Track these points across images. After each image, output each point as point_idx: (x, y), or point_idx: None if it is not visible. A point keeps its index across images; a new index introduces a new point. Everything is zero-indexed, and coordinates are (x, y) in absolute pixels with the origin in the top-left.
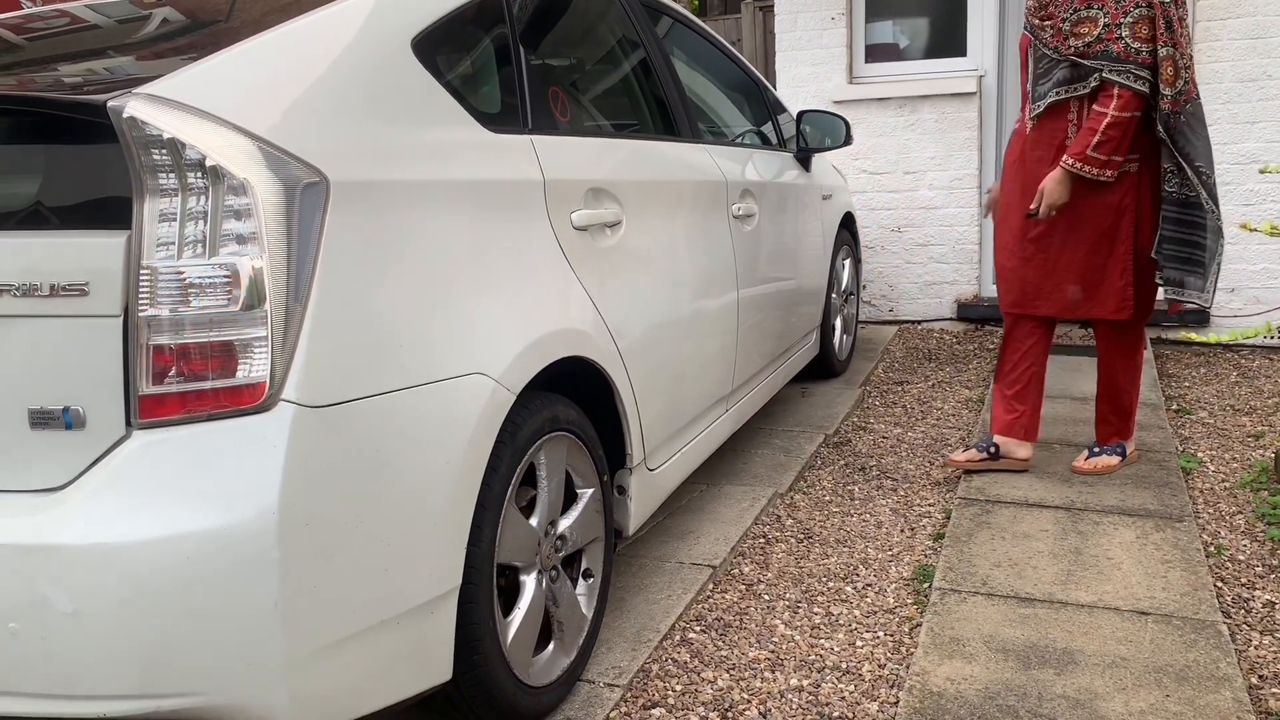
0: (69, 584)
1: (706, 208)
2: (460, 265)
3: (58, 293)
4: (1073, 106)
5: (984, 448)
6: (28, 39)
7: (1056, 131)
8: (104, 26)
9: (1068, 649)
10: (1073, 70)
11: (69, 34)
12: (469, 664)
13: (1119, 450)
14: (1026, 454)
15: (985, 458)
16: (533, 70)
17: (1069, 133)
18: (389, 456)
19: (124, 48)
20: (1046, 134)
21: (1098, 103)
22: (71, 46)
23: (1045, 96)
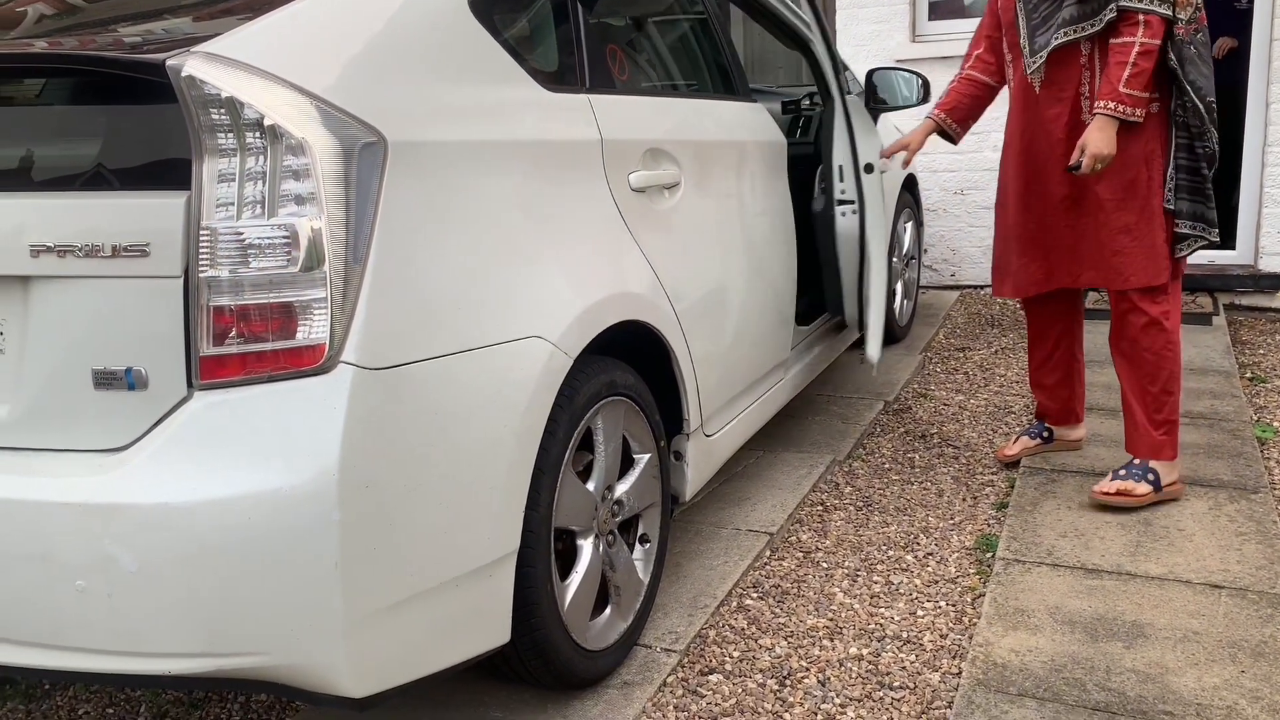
0: (134, 543)
1: (766, 169)
2: (517, 227)
3: (119, 253)
4: (1083, 49)
5: (1036, 433)
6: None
7: (1068, 82)
8: None
9: (1137, 622)
10: (1080, 6)
11: None
12: (526, 627)
13: (1153, 479)
14: (1080, 434)
15: (1039, 443)
16: (590, 28)
17: (1083, 79)
18: (447, 419)
19: (185, 7)
20: (1056, 88)
21: (1116, 35)
22: (132, 7)
23: (1049, 44)
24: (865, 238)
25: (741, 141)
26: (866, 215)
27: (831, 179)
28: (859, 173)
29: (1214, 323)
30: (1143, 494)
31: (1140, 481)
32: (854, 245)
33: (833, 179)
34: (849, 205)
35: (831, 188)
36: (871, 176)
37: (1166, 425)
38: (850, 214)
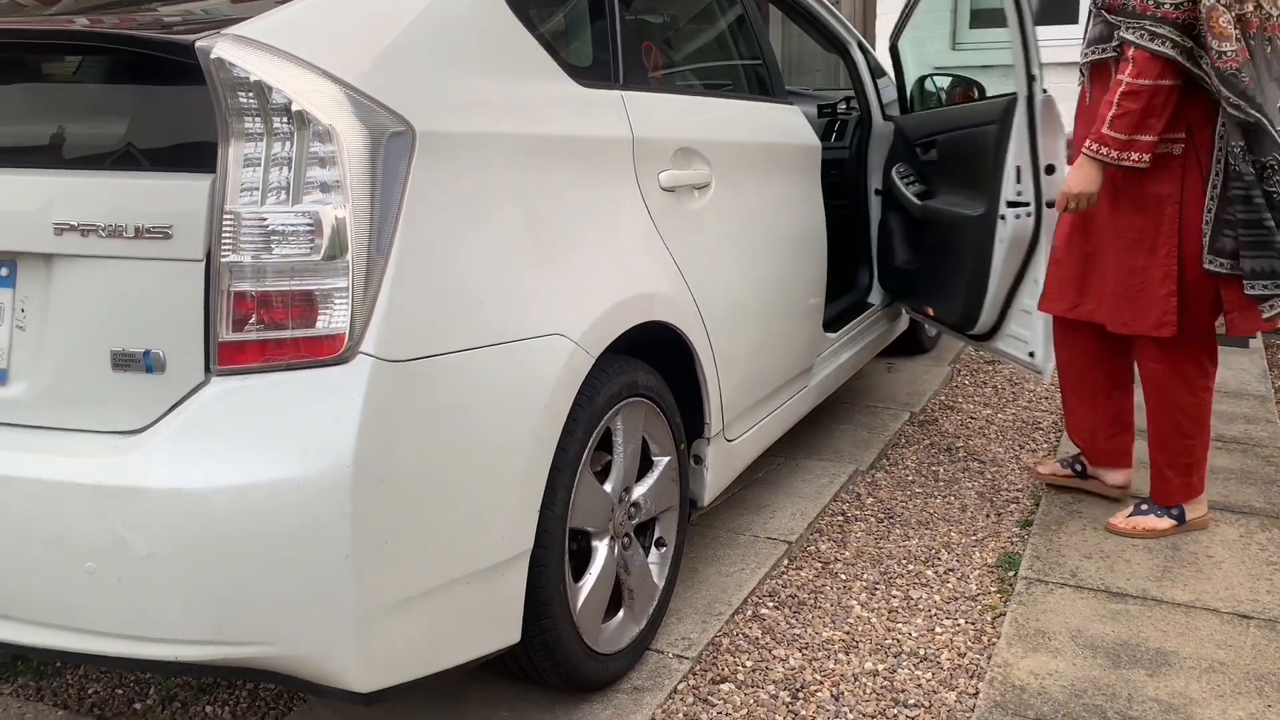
0: (145, 527)
1: (798, 172)
2: (544, 222)
3: (142, 234)
4: (1114, 70)
5: (1068, 464)
6: None
7: (1098, 103)
8: None
9: (1161, 649)
10: (1103, 25)
11: None
12: (537, 627)
13: (1176, 513)
14: (1120, 480)
15: (1070, 475)
16: (626, 24)
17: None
18: (465, 415)
19: None
20: (1094, 106)
21: (1118, 69)
22: None
23: (1085, 58)
24: (1040, 239)
25: (775, 144)
26: (1044, 216)
27: (1000, 180)
28: (1038, 174)
29: (1250, 345)
30: (1164, 528)
31: (1162, 517)
32: (1020, 250)
33: (1002, 180)
34: (1022, 208)
35: (999, 190)
36: (1053, 178)
37: (1186, 468)
38: (1024, 216)
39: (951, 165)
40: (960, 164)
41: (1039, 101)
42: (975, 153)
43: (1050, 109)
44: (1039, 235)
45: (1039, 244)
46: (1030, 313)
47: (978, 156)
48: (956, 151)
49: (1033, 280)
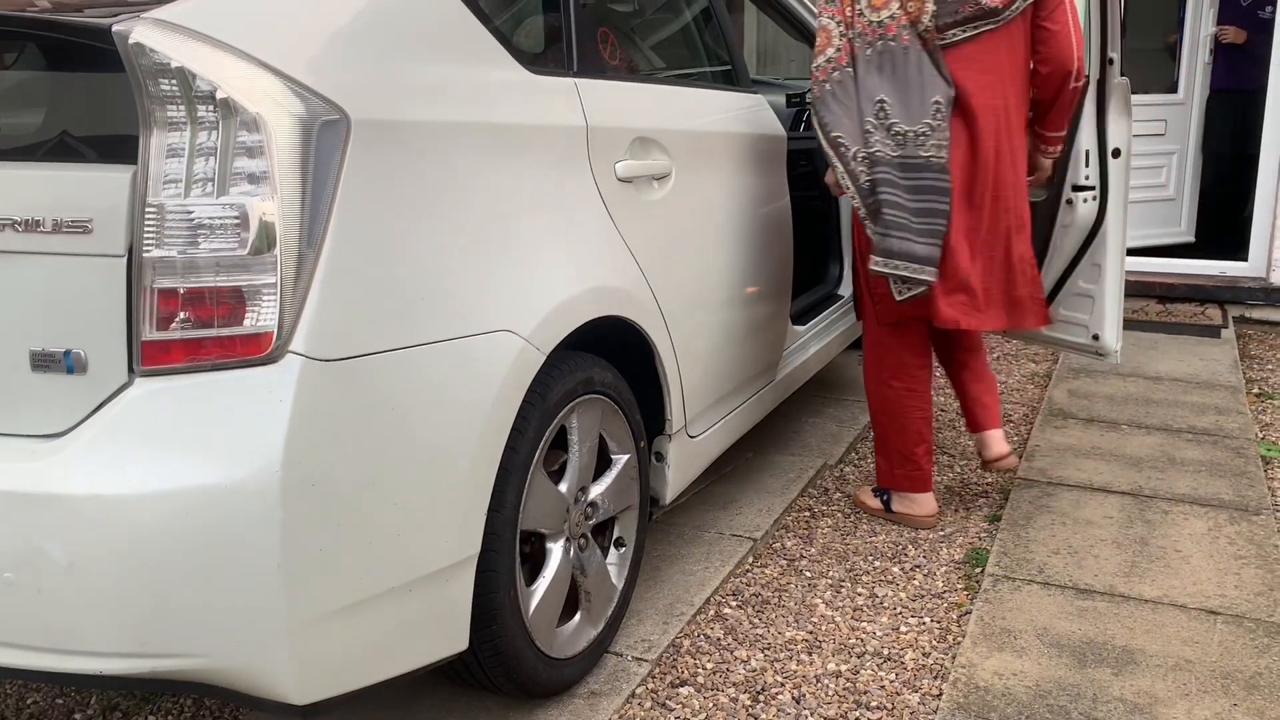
0: (65, 535)
1: (764, 162)
2: (491, 215)
3: (61, 229)
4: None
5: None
6: None
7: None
8: None
9: (1127, 647)
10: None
11: None
12: (487, 634)
13: (884, 498)
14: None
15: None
16: (580, 9)
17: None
18: (405, 416)
19: None
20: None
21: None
22: None
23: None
24: (1106, 224)
25: (738, 134)
26: (1110, 200)
27: (1067, 164)
28: (1104, 157)
29: (1222, 335)
30: (873, 506)
31: (875, 496)
32: (1082, 234)
33: (1067, 165)
34: (1089, 191)
35: (1064, 174)
36: (1119, 161)
37: (880, 452)
38: (1091, 200)
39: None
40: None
41: (1112, 84)
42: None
43: (1122, 92)
44: (1103, 219)
45: (1104, 228)
46: (1090, 297)
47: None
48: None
49: (1092, 264)
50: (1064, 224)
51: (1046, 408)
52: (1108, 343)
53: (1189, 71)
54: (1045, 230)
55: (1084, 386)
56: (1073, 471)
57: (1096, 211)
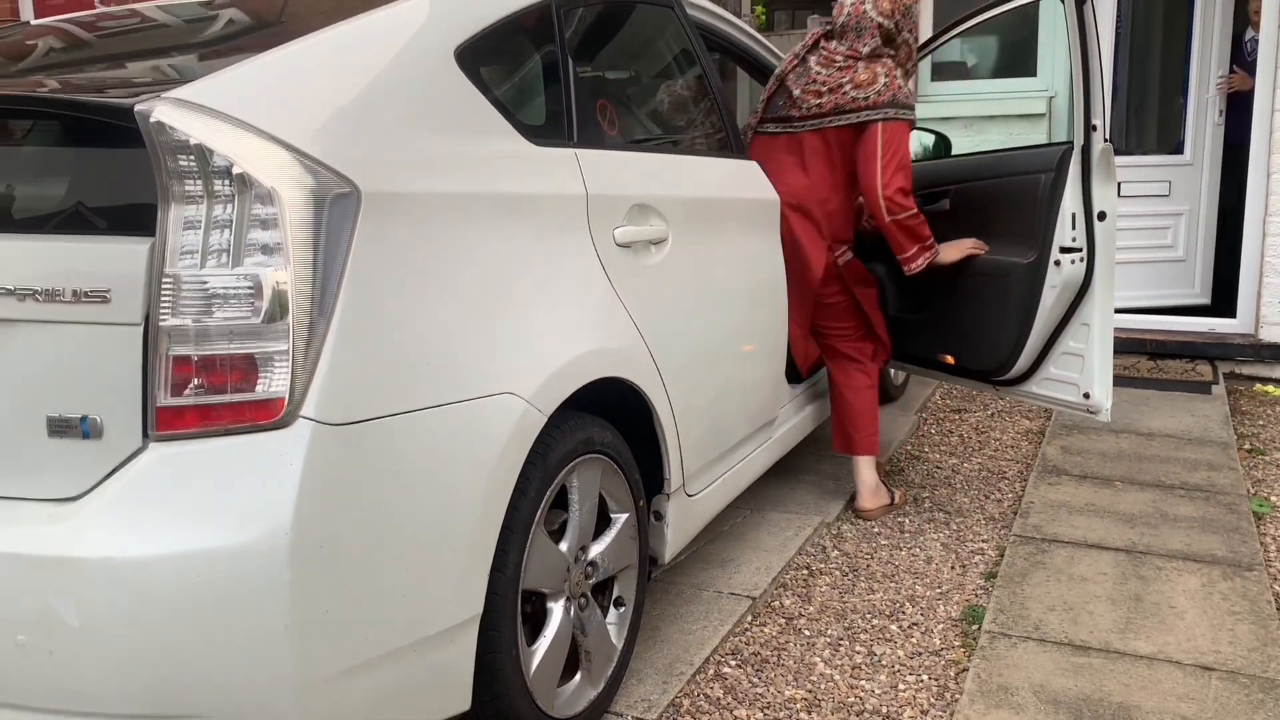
0: (78, 598)
1: (757, 225)
2: (495, 281)
3: (80, 298)
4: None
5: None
6: (96, 36)
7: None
8: (169, 26)
9: (1124, 704)
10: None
11: (131, 34)
12: (489, 693)
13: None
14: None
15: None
16: (579, 82)
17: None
18: (410, 478)
19: (176, 49)
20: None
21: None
22: (113, 48)
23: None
24: (1093, 284)
25: (733, 199)
26: (1097, 261)
27: (1053, 227)
28: (1091, 220)
29: (1213, 391)
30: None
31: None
32: (1070, 294)
33: (1054, 227)
34: (1076, 253)
35: (1050, 236)
36: (1105, 224)
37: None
38: (1078, 261)
39: (976, 215)
40: (990, 213)
41: (1097, 150)
42: (1016, 201)
43: (1107, 157)
44: (1091, 279)
45: (1091, 288)
46: (1079, 356)
47: (1019, 204)
48: (984, 201)
49: (1080, 324)
50: (1051, 285)
51: (1040, 464)
52: (1098, 401)
53: (1196, 131)
54: (1032, 291)
55: (1077, 443)
56: (1067, 528)
57: (1084, 272)
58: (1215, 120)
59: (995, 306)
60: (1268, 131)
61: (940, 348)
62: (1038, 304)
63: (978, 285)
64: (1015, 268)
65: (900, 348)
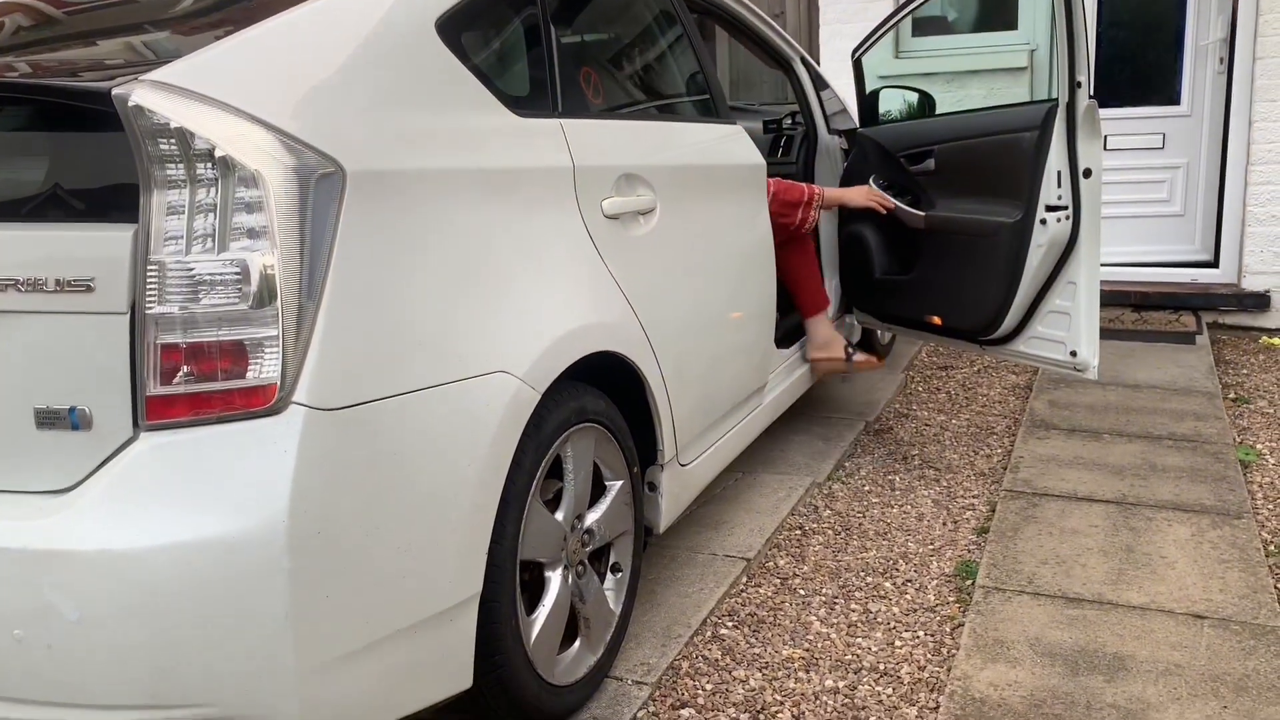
0: (75, 590)
1: (744, 191)
2: (484, 258)
3: (64, 288)
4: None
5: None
6: (65, 14)
7: None
8: (140, 2)
9: (1118, 654)
10: None
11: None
12: (490, 665)
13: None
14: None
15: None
16: (563, 51)
17: None
18: (406, 460)
19: (149, 27)
20: None
21: None
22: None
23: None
24: (1079, 242)
25: (719, 165)
26: (1083, 219)
27: (1038, 185)
28: (1076, 178)
29: (1197, 342)
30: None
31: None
32: (1056, 252)
33: (1039, 186)
34: (1061, 211)
35: (1037, 194)
36: (1090, 181)
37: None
38: (1064, 219)
39: (961, 174)
40: (975, 172)
41: (1082, 107)
42: (1001, 159)
43: (1091, 114)
44: (1077, 237)
45: (1077, 246)
46: (1066, 314)
47: (1005, 163)
48: (969, 160)
49: (1067, 282)
50: (1038, 243)
51: (1028, 419)
52: (1085, 358)
53: (1194, 81)
54: (1018, 250)
55: (1064, 397)
56: (1057, 482)
57: (1070, 231)
58: (1217, 69)
59: (981, 266)
60: (1250, 79)
61: (927, 309)
62: (1024, 263)
63: (963, 245)
64: (1001, 227)
65: (887, 309)
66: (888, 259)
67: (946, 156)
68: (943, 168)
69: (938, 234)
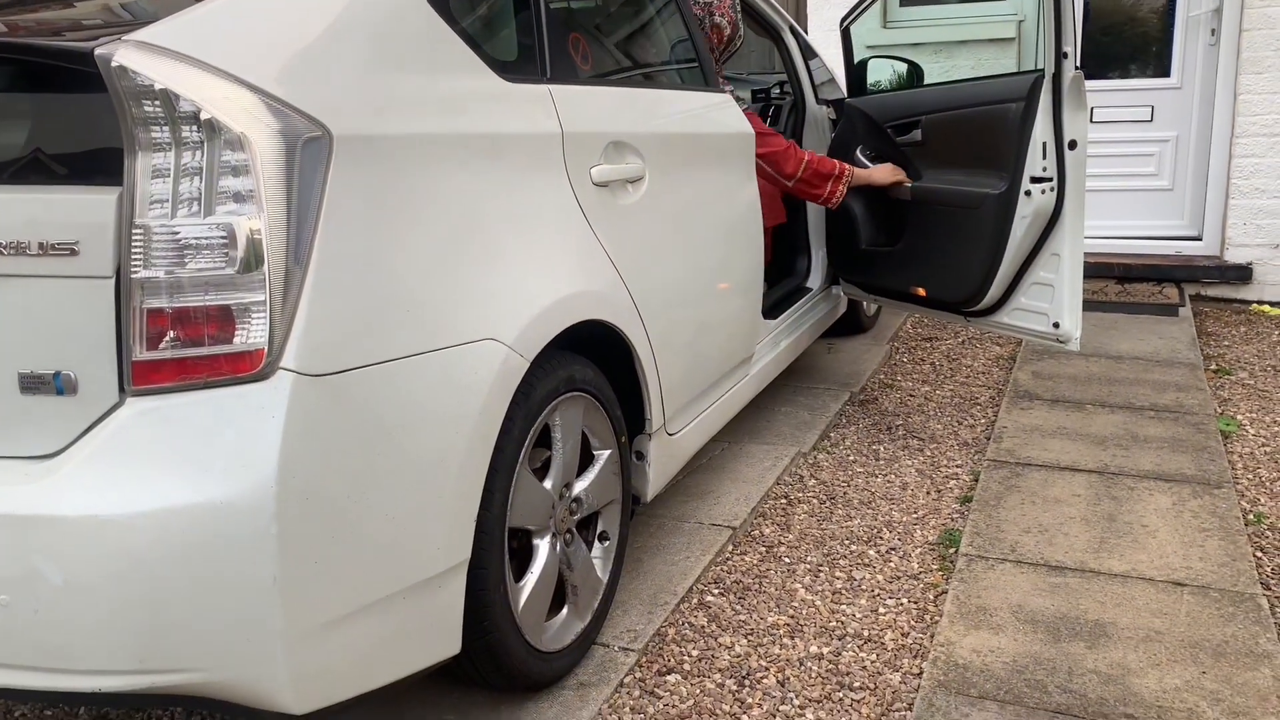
0: (60, 556)
1: (733, 160)
2: (472, 224)
3: (47, 251)
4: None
5: None
6: None
7: None
8: None
9: (1099, 621)
10: None
11: None
12: (479, 631)
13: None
14: None
15: None
16: (552, 16)
17: None
18: (394, 427)
19: None
20: None
21: None
22: None
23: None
24: (1064, 214)
25: (708, 133)
26: (1068, 190)
27: (1024, 157)
28: (1061, 149)
29: (1180, 314)
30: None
31: None
32: (1040, 224)
33: (1025, 157)
34: (1046, 182)
35: (1023, 166)
36: (1076, 153)
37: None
38: (1048, 191)
39: (947, 145)
40: (961, 143)
41: (1068, 78)
42: (987, 130)
43: (1078, 85)
44: (1061, 209)
45: (1061, 218)
46: (1050, 285)
47: (991, 134)
48: (956, 131)
49: (1051, 254)
50: (1022, 215)
51: (1012, 389)
52: (1068, 330)
53: (1185, 53)
54: (1003, 222)
55: (1048, 368)
56: (1040, 451)
57: (1054, 202)
58: (1209, 41)
59: (966, 238)
60: (1236, 51)
61: (912, 280)
62: (1008, 235)
63: (949, 217)
64: (986, 198)
65: (873, 280)
66: (873, 230)
67: (933, 127)
68: (929, 139)
69: (924, 205)
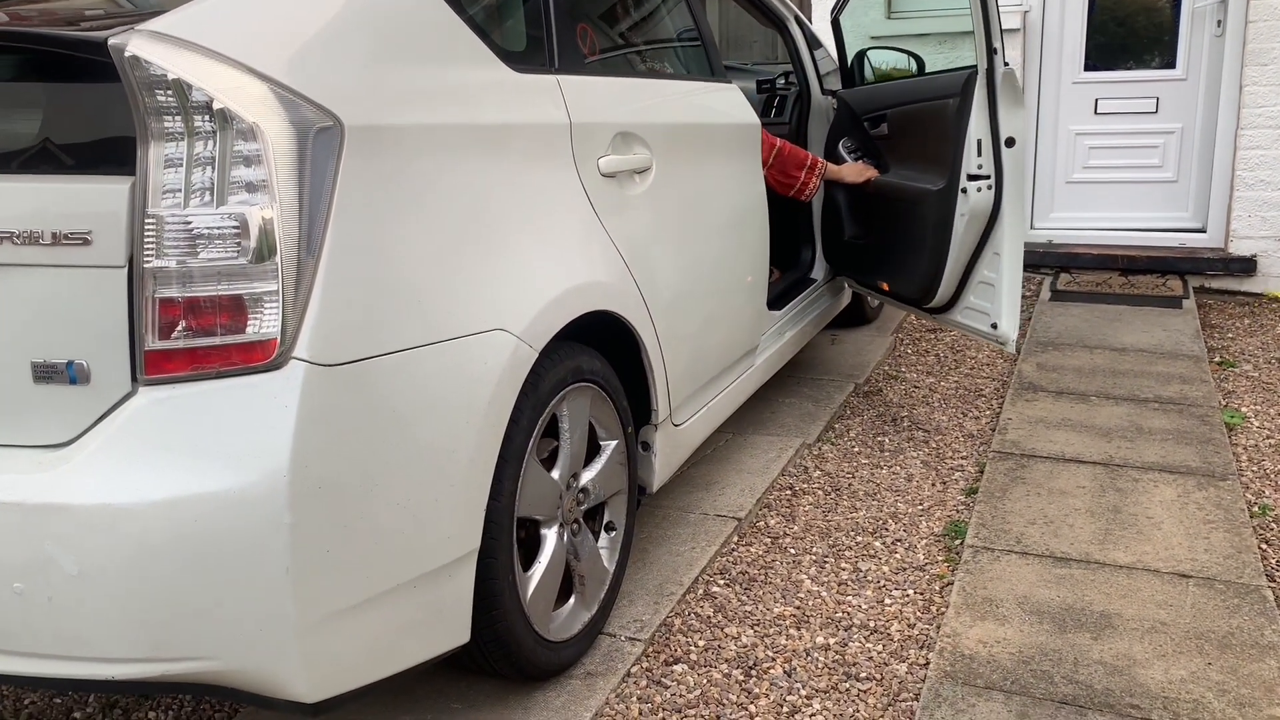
0: (74, 544)
1: (739, 151)
2: (482, 215)
3: (60, 240)
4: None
5: None
6: None
7: None
8: None
9: (1105, 612)
10: None
11: None
12: (487, 620)
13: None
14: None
15: None
16: (560, 5)
17: None
18: (406, 417)
19: None
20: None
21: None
22: None
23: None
24: (1001, 212)
25: (714, 124)
26: (1005, 189)
27: (960, 154)
28: (998, 147)
29: (1184, 306)
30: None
31: None
32: (980, 223)
33: (961, 154)
34: (983, 180)
35: (960, 163)
36: (1013, 150)
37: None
38: (985, 189)
39: (905, 139)
40: (915, 138)
41: (1000, 74)
42: (933, 126)
43: (1010, 82)
44: (999, 208)
45: (1000, 216)
46: (991, 285)
47: (936, 130)
48: (911, 125)
49: (993, 253)
50: (961, 213)
51: (1016, 381)
52: (1005, 331)
53: (1191, 44)
54: (944, 219)
55: (1052, 359)
56: (1045, 443)
57: (993, 200)
58: (1215, 32)
59: (914, 235)
60: (1241, 42)
61: (880, 275)
62: (950, 232)
63: (901, 213)
64: (928, 194)
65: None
66: (854, 223)
67: (895, 121)
68: (892, 133)
69: (883, 200)
